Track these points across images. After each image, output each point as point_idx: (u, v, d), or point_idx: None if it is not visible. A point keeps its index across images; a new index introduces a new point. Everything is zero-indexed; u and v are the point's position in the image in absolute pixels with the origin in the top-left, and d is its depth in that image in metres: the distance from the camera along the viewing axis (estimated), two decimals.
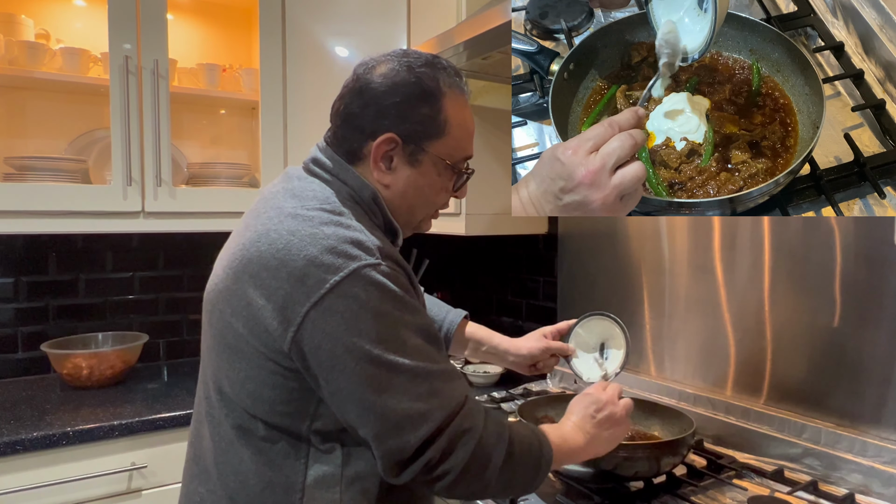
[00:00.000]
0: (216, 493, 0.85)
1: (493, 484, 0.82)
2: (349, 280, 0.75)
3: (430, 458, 0.76)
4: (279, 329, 0.76)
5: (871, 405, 1.15)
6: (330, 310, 0.74)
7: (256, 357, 0.79)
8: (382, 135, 0.85)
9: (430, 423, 0.76)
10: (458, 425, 0.78)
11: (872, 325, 1.15)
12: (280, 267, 0.77)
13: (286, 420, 0.81)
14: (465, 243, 2.39)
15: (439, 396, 0.78)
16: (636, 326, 1.61)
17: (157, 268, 2.07)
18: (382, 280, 0.76)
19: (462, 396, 0.81)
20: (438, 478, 0.78)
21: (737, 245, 1.38)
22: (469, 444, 0.78)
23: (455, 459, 0.78)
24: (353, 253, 0.76)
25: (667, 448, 1.09)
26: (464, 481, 0.79)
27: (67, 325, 1.93)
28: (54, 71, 1.77)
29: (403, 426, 0.75)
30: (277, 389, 0.80)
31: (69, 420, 1.48)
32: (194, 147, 2.10)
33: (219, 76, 2.00)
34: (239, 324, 0.80)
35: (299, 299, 0.75)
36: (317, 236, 0.77)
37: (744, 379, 1.38)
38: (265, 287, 0.77)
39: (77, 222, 1.67)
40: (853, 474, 1.14)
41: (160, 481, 1.53)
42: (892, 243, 1.10)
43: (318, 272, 0.75)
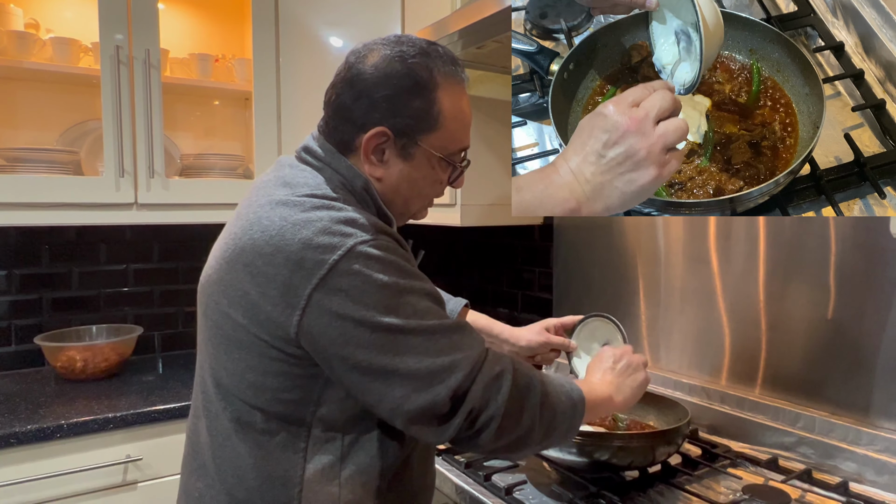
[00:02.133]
0: (214, 487, 0.84)
1: (535, 429, 0.81)
2: (347, 257, 0.74)
3: (471, 407, 0.75)
4: (283, 315, 0.75)
5: (865, 394, 1.16)
6: (333, 289, 0.73)
7: (258, 346, 0.78)
8: (373, 128, 0.83)
9: (458, 372, 0.75)
10: (490, 370, 0.78)
11: (867, 315, 1.15)
12: (275, 253, 0.76)
13: (290, 408, 0.80)
14: (461, 234, 2.39)
15: (461, 347, 0.77)
16: (632, 317, 1.62)
17: (151, 260, 2.06)
18: (380, 253, 0.75)
19: (481, 344, 0.80)
20: (482, 428, 0.77)
21: (732, 236, 1.38)
22: (505, 385, 0.78)
23: (496, 404, 0.77)
24: (347, 231, 0.75)
25: (662, 437, 1.09)
26: (508, 427, 0.78)
27: (61, 317, 1.92)
28: (44, 61, 1.75)
29: (431, 381, 0.74)
30: (281, 377, 0.79)
31: (63, 413, 1.48)
32: (188, 138, 2.08)
33: (211, 66, 1.98)
34: (238, 314, 0.79)
35: (300, 283, 0.74)
36: (310, 219, 0.76)
37: (739, 368, 1.38)
38: (262, 275, 0.76)
39: (69, 214, 1.66)
40: (847, 462, 1.14)
41: (155, 473, 1.53)
42: (888, 234, 1.10)
43: (315, 254, 0.74)
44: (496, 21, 1.28)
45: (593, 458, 1.06)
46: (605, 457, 1.06)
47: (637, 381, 1.00)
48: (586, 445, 1.05)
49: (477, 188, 1.81)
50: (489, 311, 2.19)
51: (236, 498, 0.82)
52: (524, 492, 1.10)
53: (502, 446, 0.80)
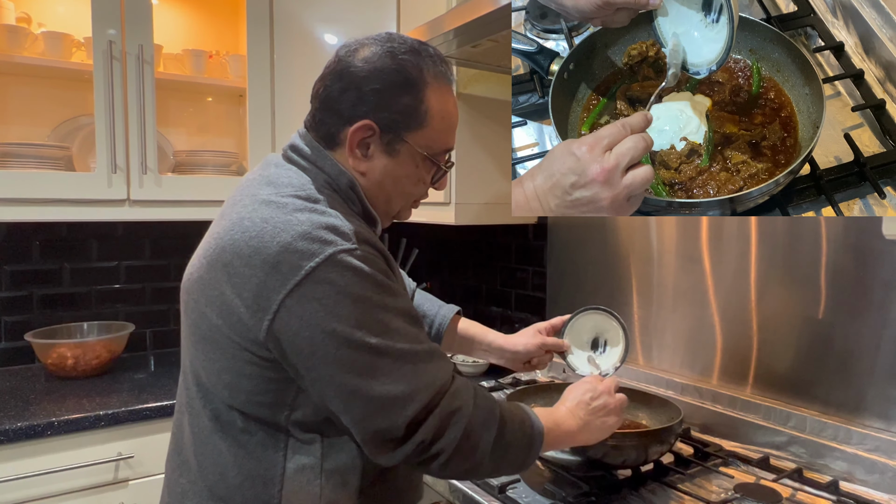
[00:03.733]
0: (196, 484, 0.84)
1: (485, 462, 0.81)
2: (325, 266, 0.73)
3: (423, 438, 0.76)
4: (253, 318, 0.75)
5: (856, 394, 1.17)
6: (306, 297, 0.73)
7: (231, 347, 0.78)
8: (360, 121, 0.83)
9: (417, 403, 0.75)
10: (448, 405, 0.78)
11: (858, 315, 1.16)
12: (253, 255, 0.75)
13: (264, 411, 0.80)
14: (455, 233, 2.39)
15: (424, 376, 0.77)
16: (625, 316, 1.61)
17: (143, 257, 2.05)
18: (359, 264, 0.75)
19: (448, 376, 0.80)
20: (432, 458, 0.78)
21: (724, 235, 1.39)
22: (460, 423, 0.78)
23: (447, 439, 0.77)
24: (328, 238, 0.75)
25: (655, 436, 1.10)
26: (456, 460, 0.79)
27: (52, 314, 1.91)
28: (36, 56, 1.74)
29: (390, 408, 0.75)
30: (254, 380, 0.79)
31: (54, 410, 1.47)
32: (181, 135, 2.07)
33: (205, 62, 1.97)
34: (213, 314, 0.79)
35: (274, 287, 0.74)
36: (290, 223, 0.76)
37: (731, 368, 1.39)
38: (239, 276, 0.76)
39: (61, 210, 1.65)
40: (837, 461, 1.15)
41: (147, 471, 1.52)
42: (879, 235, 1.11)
43: (292, 258, 0.73)
44: (491, 20, 1.28)
45: (586, 457, 1.07)
46: (598, 455, 1.06)
47: (606, 426, 0.98)
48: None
49: (471, 187, 1.81)
50: (482, 310, 2.21)
51: (218, 495, 0.82)
52: (517, 491, 1.10)
53: (450, 475, 0.84)
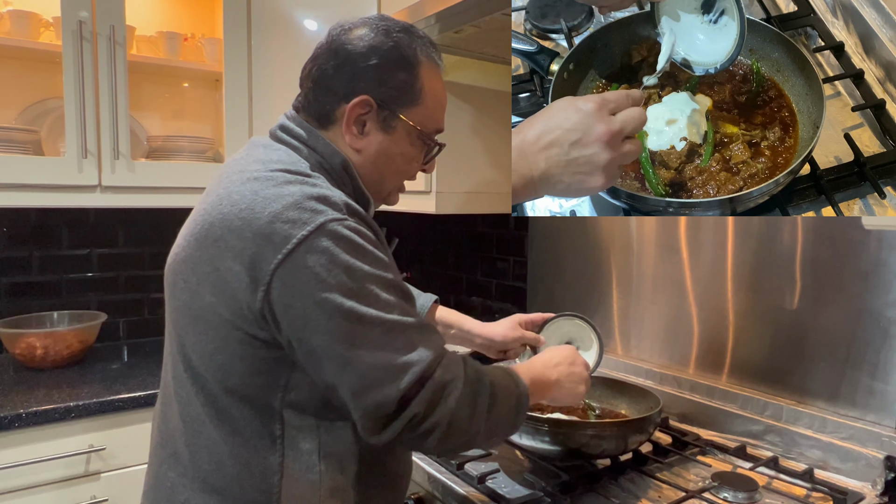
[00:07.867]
0: (188, 476, 0.81)
1: (480, 433, 0.80)
2: (316, 234, 0.72)
3: (415, 412, 0.74)
4: (248, 291, 0.73)
5: (830, 383, 1.18)
6: (298, 266, 0.71)
7: (224, 326, 0.76)
8: (357, 97, 0.83)
9: (410, 375, 0.73)
10: (441, 377, 0.76)
11: (833, 304, 1.17)
12: (244, 227, 0.74)
13: (259, 392, 0.78)
14: (435, 222, 2.37)
15: (417, 348, 0.75)
16: (604, 306, 1.62)
17: (116, 245, 2.00)
18: (350, 234, 0.74)
19: (440, 348, 0.79)
20: (426, 434, 0.75)
21: (702, 225, 1.39)
22: (453, 394, 0.76)
23: (441, 412, 0.75)
24: (319, 208, 0.74)
25: (634, 426, 1.10)
26: (452, 435, 0.77)
27: (20, 303, 1.85)
28: (2, 35, 1.68)
29: (383, 379, 0.73)
30: (247, 360, 0.77)
31: (22, 402, 1.43)
32: (155, 119, 2.02)
33: (180, 45, 1.92)
34: (206, 291, 0.77)
35: (266, 257, 0.72)
36: (281, 193, 0.75)
37: (708, 358, 1.39)
38: (231, 249, 0.74)
39: (29, 196, 1.59)
40: (812, 450, 1.17)
41: (120, 463, 1.49)
42: (857, 225, 1.12)
43: (284, 228, 0.72)
44: (473, 4, 1.26)
45: (566, 447, 1.06)
46: (577, 445, 1.06)
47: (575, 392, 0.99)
48: (559, 434, 1.05)
49: (452, 176, 1.79)
50: (463, 300, 2.20)
51: (213, 486, 0.80)
52: (497, 480, 1.10)
53: (447, 450, 0.81)
